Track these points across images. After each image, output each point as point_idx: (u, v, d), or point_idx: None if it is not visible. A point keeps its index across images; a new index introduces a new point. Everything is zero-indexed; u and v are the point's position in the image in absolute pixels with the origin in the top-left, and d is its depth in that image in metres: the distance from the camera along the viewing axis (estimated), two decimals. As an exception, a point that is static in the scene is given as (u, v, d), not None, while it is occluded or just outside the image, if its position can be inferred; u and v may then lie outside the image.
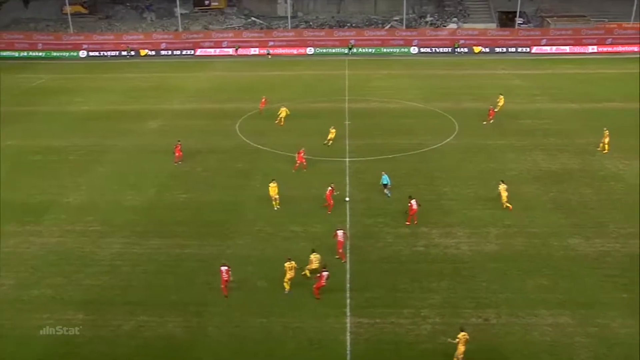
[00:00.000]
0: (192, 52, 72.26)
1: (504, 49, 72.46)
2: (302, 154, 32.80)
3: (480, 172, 32.78)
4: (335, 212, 27.43)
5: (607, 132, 35.58)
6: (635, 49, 71.35)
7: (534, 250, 24.31)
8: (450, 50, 72.67)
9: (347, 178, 31.74)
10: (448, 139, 38.28)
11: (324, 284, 20.74)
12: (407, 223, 26.29)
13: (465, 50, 72.76)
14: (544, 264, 23.23)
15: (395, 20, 79.44)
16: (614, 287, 21.51)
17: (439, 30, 75.81)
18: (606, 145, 35.58)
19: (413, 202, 26.04)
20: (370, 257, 23.99)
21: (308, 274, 21.93)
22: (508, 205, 27.59)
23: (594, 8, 77.52)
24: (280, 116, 41.39)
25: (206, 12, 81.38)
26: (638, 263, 22.81)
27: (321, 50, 72.57)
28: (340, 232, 23.20)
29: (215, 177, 32.14)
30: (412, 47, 73.39)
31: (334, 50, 72.59)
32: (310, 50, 72.41)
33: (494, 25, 76.73)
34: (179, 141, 34.87)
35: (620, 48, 71.70)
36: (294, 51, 72.40)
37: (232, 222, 26.85)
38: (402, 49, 73.13)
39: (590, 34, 73.13)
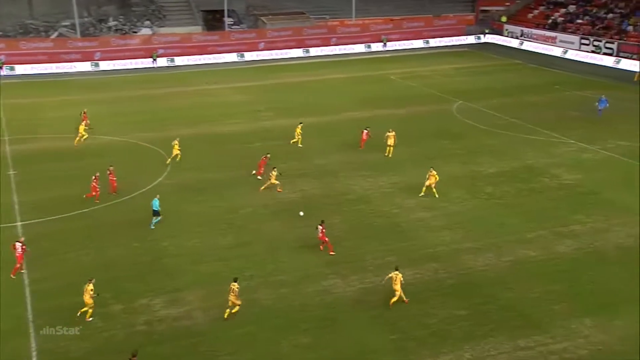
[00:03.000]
0: None
1: (216, 57, 77.29)
2: None
3: (207, 215, 33.89)
4: (6, 295, 25.46)
5: (392, 134, 41.47)
6: (362, 48, 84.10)
7: (284, 302, 25.86)
8: (150, 64, 74.35)
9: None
10: (160, 178, 38.83)
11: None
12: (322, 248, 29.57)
13: (168, 61, 75.28)
14: (299, 317, 24.89)
15: (65, 27, 77.48)
16: (380, 330, 24.25)
17: (128, 37, 76.91)
18: (391, 149, 41.43)
19: (319, 227, 29.53)
20: (66, 357, 22.46)
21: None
22: None
23: (312, 4, 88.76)
24: None
25: None
26: (403, 298, 26.32)
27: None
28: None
29: None
30: (94, 62, 72.72)
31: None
32: None
33: (199, 29, 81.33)
34: None
35: (346, 48, 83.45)
36: None
37: None
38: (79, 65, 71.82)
39: (312, 33, 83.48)
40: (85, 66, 72.31)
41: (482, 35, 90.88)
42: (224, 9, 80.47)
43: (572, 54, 78.49)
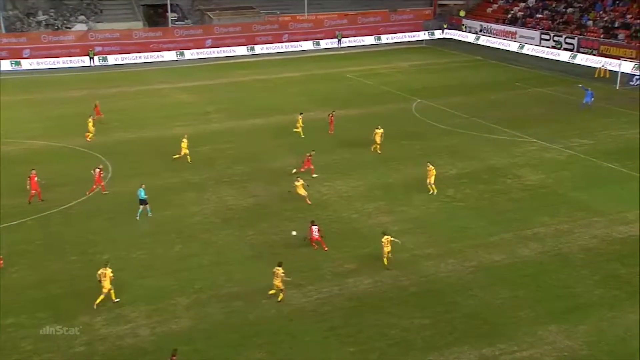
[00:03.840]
0: None
1: (159, 55, 76.63)
2: None
3: (153, 224, 33.59)
4: None
5: (380, 131, 42.66)
6: (315, 45, 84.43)
7: (238, 315, 25.76)
8: (90, 62, 73.32)
9: None
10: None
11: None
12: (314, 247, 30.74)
13: (104, 60, 74.31)
14: (253, 331, 24.77)
15: (-13, 21, 75.73)
16: (339, 342, 24.31)
17: (61, 33, 75.60)
18: (378, 146, 42.60)
19: (314, 227, 30.53)
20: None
21: None
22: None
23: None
24: None
25: None
26: (361, 306, 26.45)
27: None
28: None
29: None
30: (25, 61, 71.28)
31: None
32: None
33: (140, 24, 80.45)
34: None
35: (298, 45, 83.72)
36: None
37: None
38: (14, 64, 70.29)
39: (263, 29, 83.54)
40: (10, 65, 70.56)
41: (440, 31, 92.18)
42: (167, 3, 79.80)
43: (531, 50, 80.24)
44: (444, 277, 28.44)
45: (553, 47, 78.46)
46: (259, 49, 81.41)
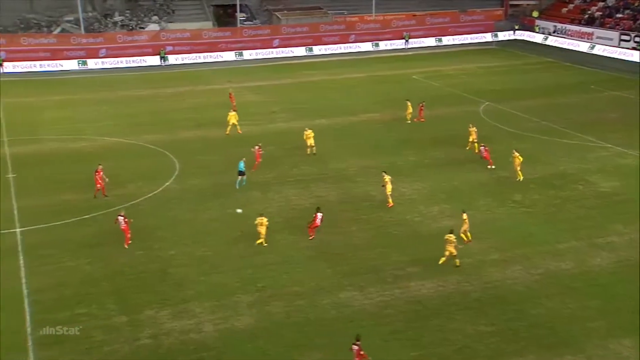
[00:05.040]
0: None
1: (227, 55, 77.73)
2: None
3: (214, 222, 34.07)
4: (5, 307, 25.87)
5: (474, 130, 43.03)
6: (382, 45, 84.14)
7: (300, 315, 25.91)
8: (161, 62, 74.90)
9: (22, 259, 30.25)
10: (167, 183, 39.06)
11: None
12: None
13: (177, 59, 75.84)
14: (314, 331, 24.91)
15: (69, 22, 78.32)
16: (400, 345, 24.19)
17: (135, 34, 77.64)
18: (475, 145, 42.58)
19: (319, 214, 31.54)
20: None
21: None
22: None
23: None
24: None
25: None
26: (423, 310, 26.26)
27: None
28: (120, 218, 31.00)
29: None
30: (99, 60, 73.40)
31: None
32: None
33: (210, 24, 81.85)
34: None
35: (365, 45, 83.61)
36: None
37: None
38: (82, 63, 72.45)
39: (330, 30, 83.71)
40: (90, 63, 72.95)
41: (511, 32, 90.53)
42: (236, 4, 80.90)
43: (609, 51, 77.91)
44: (510, 284, 27.95)
45: (634, 49, 75.69)
46: (325, 49, 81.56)
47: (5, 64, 69.67)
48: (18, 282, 28.24)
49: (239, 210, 33.97)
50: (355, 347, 22.04)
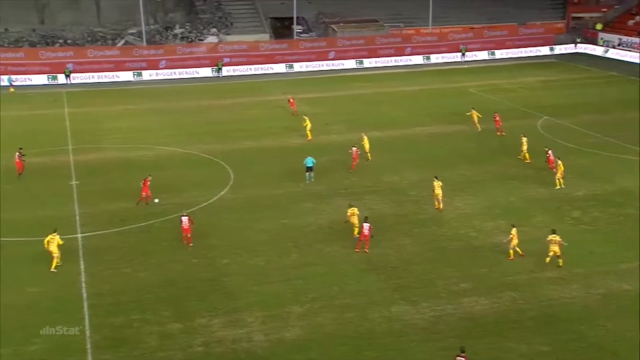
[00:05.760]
0: None
1: (278, 67, 78.30)
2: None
3: (271, 232, 34.24)
4: (66, 310, 26.46)
5: (525, 140, 43.16)
6: (439, 58, 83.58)
7: (350, 327, 25.79)
8: (213, 73, 75.94)
9: (82, 263, 30.96)
10: (222, 192, 39.49)
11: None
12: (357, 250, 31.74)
13: (233, 71, 76.78)
14: (364, 344, 24.76)
15: (132, 34, 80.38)
16: (451, 362, 23.98)
17: (194, 45, 79.03)
18: (526, 155, 43.01)
19: (366, 225, 31.43)
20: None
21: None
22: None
23: (386, 12, 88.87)
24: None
25: None
26: (476, 327, 25.88)
27: (18, 80, 69.85)
28: (184, 219, 31.97)
29: None
30: (159, 71, 74.94)
31: (41, 80, 71.31)
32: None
33: (267, 36, 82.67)
34: None
35: (421, 58, 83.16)
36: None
37: None
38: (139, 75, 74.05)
39: (386, 42, 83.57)
40: (150, 75, 74.57)
41: (572, 45, 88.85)
42: (293, 17, 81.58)
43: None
44: (567, 303, 27.28)
45: None
46: (378, 61, 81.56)
47: (72, 75, 71.77)
48: (78, 286, 28.93)
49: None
50: None
